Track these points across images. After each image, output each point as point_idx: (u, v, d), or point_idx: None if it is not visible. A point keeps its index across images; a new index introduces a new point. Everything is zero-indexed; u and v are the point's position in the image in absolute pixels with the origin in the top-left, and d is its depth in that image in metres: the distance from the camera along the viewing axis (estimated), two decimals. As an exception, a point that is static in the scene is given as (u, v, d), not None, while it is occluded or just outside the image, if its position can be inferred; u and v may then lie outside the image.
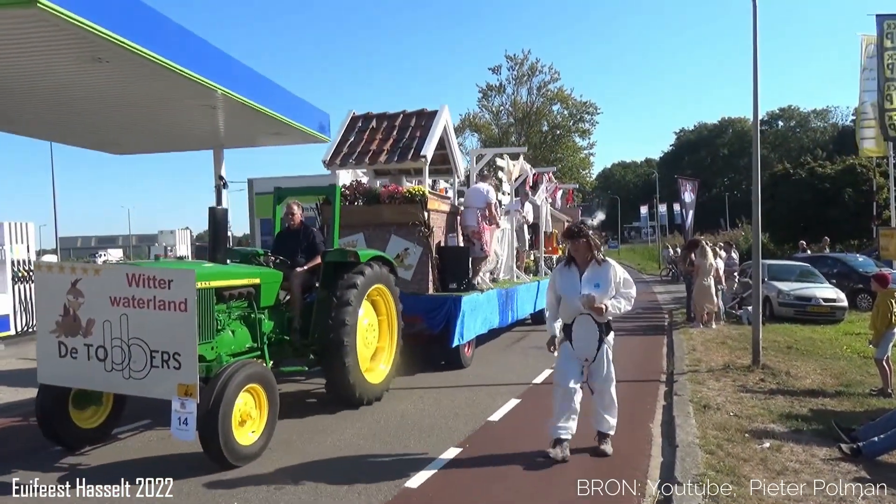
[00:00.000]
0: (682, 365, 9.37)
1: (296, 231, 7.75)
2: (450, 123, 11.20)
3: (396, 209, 9.29)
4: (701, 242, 14.73)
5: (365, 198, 9.55)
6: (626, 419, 6.92)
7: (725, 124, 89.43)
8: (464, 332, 9.21)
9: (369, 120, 11.02)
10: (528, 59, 50.99)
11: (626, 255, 60.98)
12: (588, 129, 53.74)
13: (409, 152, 10.06)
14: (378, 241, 9.37)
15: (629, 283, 5.47)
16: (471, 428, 6.49)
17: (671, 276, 31.32)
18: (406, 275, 9.31)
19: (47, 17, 7.35)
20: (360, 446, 5.92)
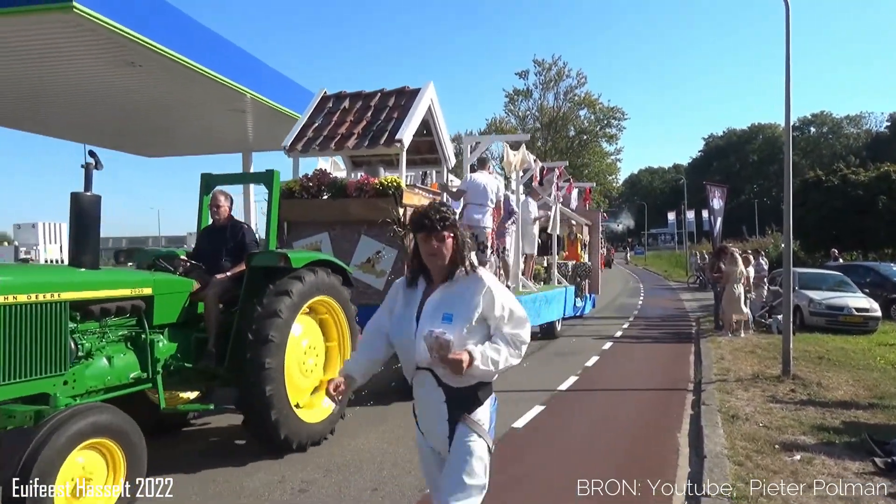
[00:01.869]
0: (709, 374, 9.23)
1: (222, 228, 6.28)
2: (436, 104, 9.44)
3: (366, 204, 7.77)
4: (730, 249, 14.54)
5: (330, 190, 8.09)
6: (652, 428, 6.85)
7: (755, 130, 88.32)
8: None
9: (342, 100, 9.29)
10: (556, 64, 50.92)
11: (653, 261, 60.46)
12: (615, 134, 53.53)
13: (383, 136, 8.38)
14: (346, 241, 8.01)
15: (520, 321, 2.80)
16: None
17: (698, 283, 30.98)
18: (378, 283, 7.83)
19: (83, 21, 7.53)
20: (384, 450, 5.92)
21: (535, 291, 11.62)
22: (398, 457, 5.72)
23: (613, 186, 59.52)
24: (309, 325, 6.18)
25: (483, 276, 2.76)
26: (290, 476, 5.19)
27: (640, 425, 7.02)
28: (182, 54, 8.61)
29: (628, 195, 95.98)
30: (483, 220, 9.03)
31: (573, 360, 10.91)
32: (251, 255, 5.84)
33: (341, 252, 7.79)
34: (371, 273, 7.92)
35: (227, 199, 6.33)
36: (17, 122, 13.33)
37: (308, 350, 6.05)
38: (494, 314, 2.71)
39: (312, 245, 8.05)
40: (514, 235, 11.33)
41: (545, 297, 11.89)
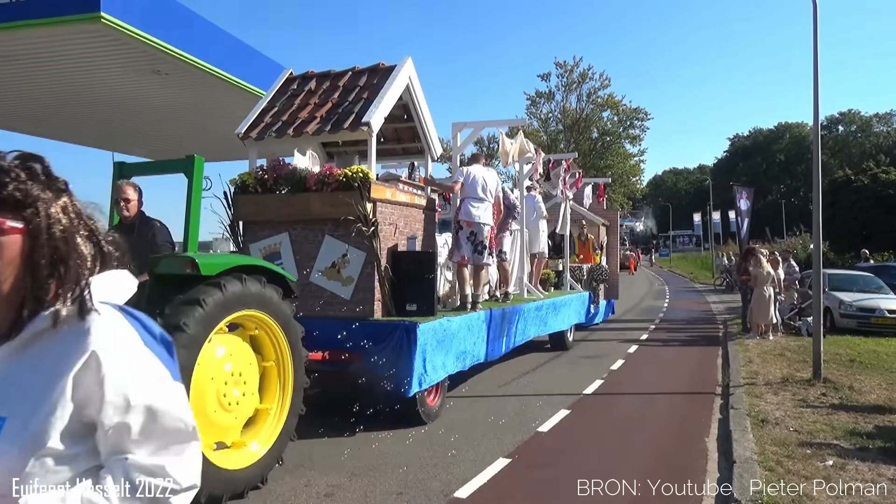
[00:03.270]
0: (738, 377, 9.09)
1: (129, 226, 5.27)
2: (416, 84, 8.06)
3: (329, 199, 6.69)
4: (757, 251, 14.33)
5: (289, 184, 6.97)
6: (680, 433, 6.77)
7: (782, 129, 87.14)
8: (424, 373, 6.47)
9: (308, 80, 8.05)
10: (578, 66, 50.74)
11: (678, 263, 59.86)
12: (638, 135, 53.18)
13: (347, 119, 7.10)
14: (308, 243, 6.95)
15: (173, 434, 1.23)
16: (520, 438, 6.42)
17: (725, 285, 30.60)
18: (344, 291, 6.78)
19: (110, 31, 7.65)
20: (409, 455, 5.91)
21: (540, 297, 10.56)
22: (423, 461, 5.71)
23: (637, 188, 59.08)
24: (236, 347, 4.92)
25: (93, 328, 1.20)
26: (315, 480, 5.20)
27: (667, 430, 6.94)
28: (207, 62, 8.71)
29: (652, 197, 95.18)
30: (483, 216, 8.00)
31: (598, 364, 10.82)
32: (154, 260, 4.75)
33: (304, 255, 6.90)
34: (336, 279, 6.83)
35: (135, 191, 5.36)
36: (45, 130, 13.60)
37: (233, 378, 4.76)
38: (104, 418, 1.19)
39: (270, 247, 7.05)
40: (516, 235, 10.30)
41: (552, 304, 10.80)
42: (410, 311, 6.92)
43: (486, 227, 8.07)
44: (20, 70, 9.32)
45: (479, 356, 7.93)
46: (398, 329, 6.41)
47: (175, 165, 5.79)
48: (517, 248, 10.43)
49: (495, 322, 8.29)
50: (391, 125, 8.55)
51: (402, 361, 6.29)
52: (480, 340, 7.90)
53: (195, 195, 5.33)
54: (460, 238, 8.01)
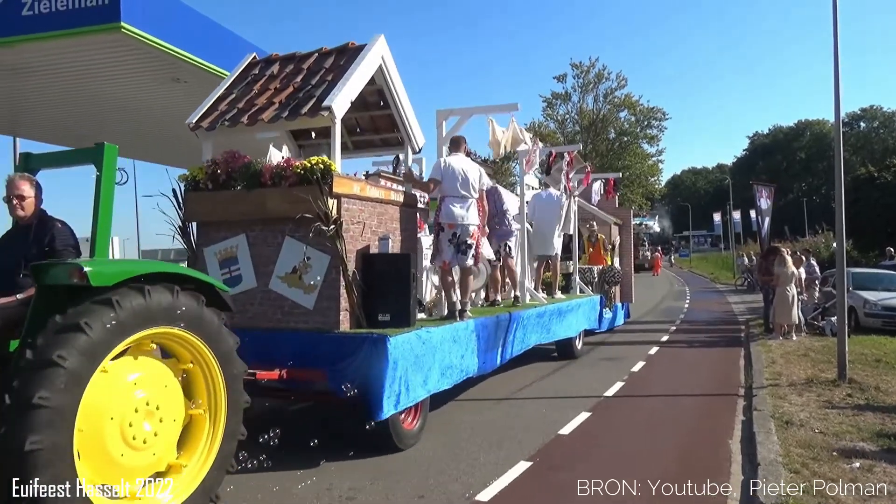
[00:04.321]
0: (761, 379, 8.99)
1: (24, 228, 4.52)
2: (391, 66, 7.10)
3: (287, 196, 5.91)
4: (780, 250, 14.17)
5: (243, 179, 6.17)
6: (703, 435, 6.71)
7: (802, 127, 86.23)
8: (400, 393, 5.68)
9: (270, 64, 7.33)
10: (594, 67, 50.57)
11: (698, 263, 59.35)
12: (656, 135, 52.88)
13: (307, 104, 6.28)
14: (267, 245, 6.19)
15: None
16: (541, 441, 6.40)
17: (746, 285, 30.30)
18: (306, 300, 6.00)
19: (130, 41, 7.76)
20: (430, 458, 5.91)
21: (543, 303, 9.72)
22: (444, 464, 5.71)
23: (655, 188, 58.72)
24: (154, 372, 4.07)
25: None
26: (337, 483, 5.21)
27: (689, 432, 6.88)
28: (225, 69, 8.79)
29: (671, 196, 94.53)
30: (466, 215, 7.16)
31: (619, 365, 10.76)
32: (35, 269, 3.80)
33: (262, 259, 6.17)
34: (298, 286, 6.03)
35: (32, 186, 4.51)
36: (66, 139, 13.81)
37: (146, 408, 3.90)
38: None
39: (226, 251, 6.32)
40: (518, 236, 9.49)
41: (557, 309, 9.99)
42: (383, 322, 6.10)
43: (470, 228, 7.19)
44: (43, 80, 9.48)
45: (469, 370, 7.12)
46: (365, 343, 5.63)
47: (83, 155, 4.84)
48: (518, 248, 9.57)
49: (487, 331, 7.51)
50: (366, 113, 7.83)
51: (371, 380, 5.52)
52: (470, 353, 7.09)
53: (105, 189, 4.42)
54: (441, 241, 7.19)
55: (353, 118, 7.84)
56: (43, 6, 8.02)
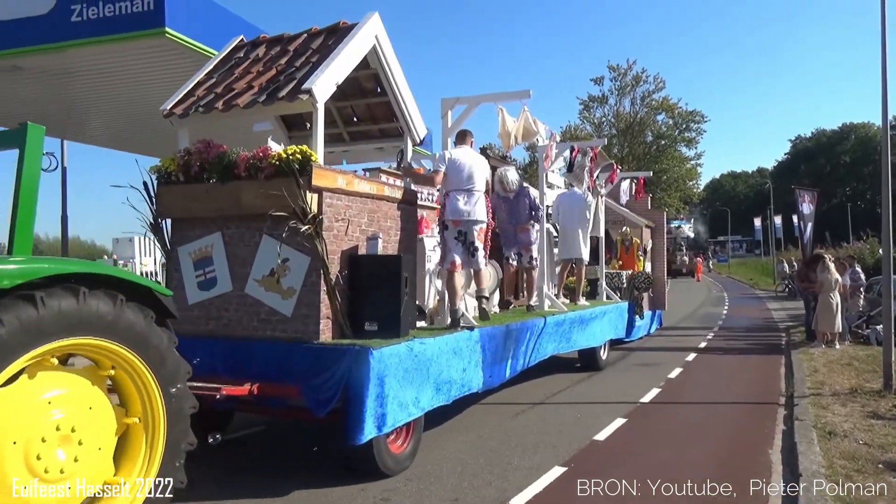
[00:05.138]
0: (802, 388, 8.79)
1: None
2: (386, 47, 6.43)
3: (263, 189, 5.30)
4: (824, 256, 13.83)
5: (216, 171, 5.57)
6: (742, 444, 6.58)
7: (847, 130, 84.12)
8: (385, 412, 5.05)
9: (256, 46, 6.75)
10: (632, 69, 50.06)
11: (737, 269, 58.29)
12: (694, 138, 52.10)
13: (287, 87, 5.64)
14: (243, 245, 5.60)
15: None
16: (576, 447, 6.35)
17: (787, 291, 29.68)
18: (284, 306, 5.40)
19: (173, 45, 7.96)
20: (464, 461, 5.90)
21: (563, 311, 8.98)
22: (478, 468, 5.70)
23: (694, 192, 57.83)
24: (76, 389, 3.57)
25: None
26: (371, 485, 5.24)
27: (728, 441, 6.76)
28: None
29: (709, 201, 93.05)
30: (474, 211, 6.65)
31: (655, 371, 10.62)
32: None
33: (238, 259, 5.60)
34: (275, 291, 5.44)
35: None
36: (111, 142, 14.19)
37: (61, 432, 3.41)
38: None
39: (201, 251, 5.74)
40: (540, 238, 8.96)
41: (579, 317, 9.34)
42: (370, 332, 5.46)
43: (478, 225, 6.74)
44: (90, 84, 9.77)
45: (473, 384, 6.45)
46: (345, 356, 5.01)
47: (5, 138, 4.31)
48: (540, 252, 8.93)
49: (495, 342, 6.85)
50: (362, 101, 7.25)
51: (351, 398, 4.95)
52: (473, 365, 6.41)
53: (28, 175, 3.94)
54: (447, 240, 6.69)
55: (349, 106, 7.37)
56: (91, 12, 8.28)
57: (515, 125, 7.85)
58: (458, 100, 7.39)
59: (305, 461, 5.91)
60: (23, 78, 9.80)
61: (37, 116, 12.61)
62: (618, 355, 12.27)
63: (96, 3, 8.37)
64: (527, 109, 7.91)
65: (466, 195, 6.63)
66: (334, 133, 7.42)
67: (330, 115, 7.15)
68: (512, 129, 7.81)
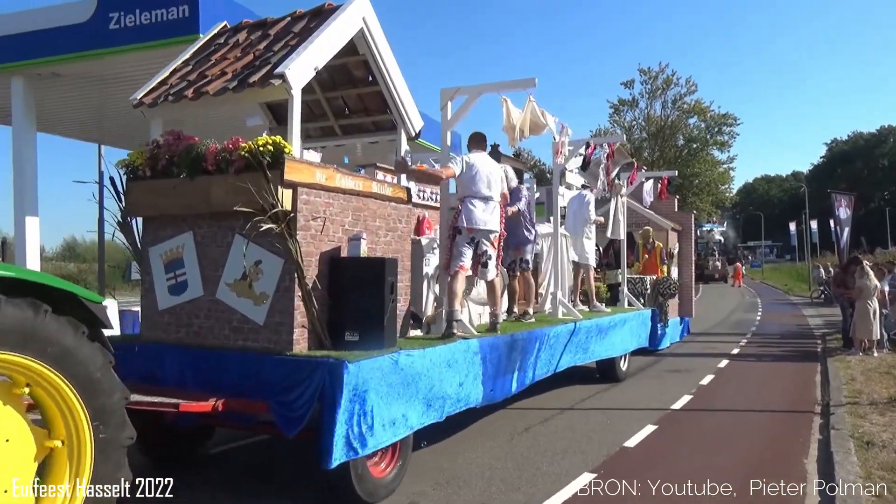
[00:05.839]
0: (839, 396, 8.59)
1: None
2: (375, 30, 5.96)
3: (232, 185, 4.80)
4: (862, 262, 13.53)
5: (184, 165, 5.11)
6: (776, 454, 6.46)
7: (885, 133, 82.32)
8: (362, 433, 4.53)
9: (238, 32, 6.34)
10: (663, 72, 49.57)
11: (771, 274, 57.26)
12: (727, 141, 51.35)
13: (259, 72, 5.22)
14: (215, 246, 5.14)
15: None
16: (605, 453, 6.29)
17: (822, 298, 29.07)
18: (256, 313, 4.95)
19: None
20: (493, 466, 5.89)
21: (577, 318, 8.49)
22: (507, 473, 5.68)
23: (726, 196, 56.97)
24: None
25: None
26: (399, 488, 5.24)
27: (762, 449, 6.63)
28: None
29: (742, 205, 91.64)
30: (490, 220, 6.41)
31: (687, 378, 10.48)
32: None
33: (210, 262, 5.14)
34: (248, 296, 4.97)
35: None
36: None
37: None
38: None
39: (172, 252, 5.30)
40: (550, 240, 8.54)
41: (596, 325, 8.77)
42: (351, 343, 4.96)
43: (493, 235, 6.49)
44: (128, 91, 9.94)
45: (472, 399, 5.93)
46: (318, 370, 4.50)
47: None
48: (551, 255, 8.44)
49: (497, 353, 6.35)
50: (353, 90, 6.75)
51: (323, 417, 4.44)
52: (472, 379, 5.89)
53: None
54: (459, 244, 6.33)
55: (339, 97, 6.92)
56: (128, 20, 8.49)
57: (521, 117, 7.07)
58: (458, 90, 6.79)
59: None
60: (62, 85, 10.07)
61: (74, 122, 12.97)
62: (648, 361, 12.14)
63: (133, 11, 8.58)
64: (533, 100, 7.12)
65: (484, 203, 6.38)
66: (326, 126, 7.08)
67: (320, 107, 6.94)
68: (517, 121, 7.01)
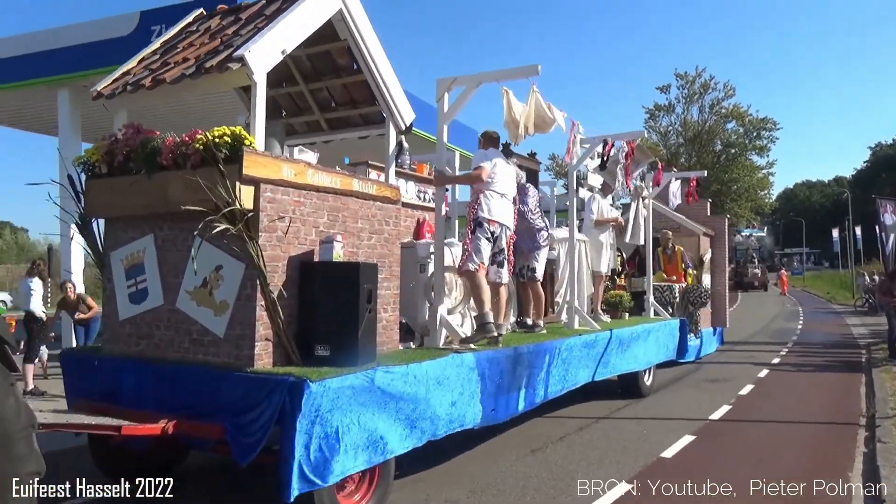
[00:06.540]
0: (885, 408, 8.35)
1: None
2: (356, 11, 5.43)
3: (189, 182, 4.31)
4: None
5: (141, 160, 4.70)
6: (819, 466, 6.29)
7: (932, 136, 79.96)
8: (331, 459, 4.04)
9: (211, 18, 5.95)
10: (700, 76, 48.98)
11: (813, 282, 55.95)
12: (766, 146, 50.48)
13: (220, 55, 4.78)
14: (176, 250, 4.70)
15: None
16: (641, 463, 6.21)
17: (867, 306, 28.30)
18: (216, 324, 4.46)
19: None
20: (527, 474, 5.85)
21: (596, 329, 7.97)
22: (541, 481, 5.65)
23: (765, 202, 55.93)
24: None
25: None
26: (434, 495, 5.26)
27: (803, 462, 6.48)
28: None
29: (783, 211, 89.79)
30: (509, 216, 6.29)
31: (726, 388, 10.30)
32: None
33: (171, 268, 4.71)
34: (208, 305, 4.49)
35: None
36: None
37: None
38: None
39: (133, 256, 4.89)
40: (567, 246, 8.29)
41: (616, 337, 8.20)
42: (322, 358, 4.44)
43: (509, 231, 6.28)
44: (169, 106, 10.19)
45: (467, 420, 5.39)
46: (277, 389, 4.01)
47: None
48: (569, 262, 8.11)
49: (499, 368, 5.80)
50: (338, 80, 6.26)
51: (282, 443, 3.96)
52: (467, 398, 5.34)
53: None
54: (479, 238, 5.95)
55: (324, 88, 6.42)
56: (170, 33, 8.65)
57: (525, 111, 6.28)
58: (455, 80, 6.19)
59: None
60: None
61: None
62: (686, 370, 11.96)
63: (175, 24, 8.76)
64: (537, 91, 6.27)
65: (502, 198, 6.17)
66: (311, 121, 6.67)
67: (304, 99, 6.53)
68: (520, 115, 6.21)
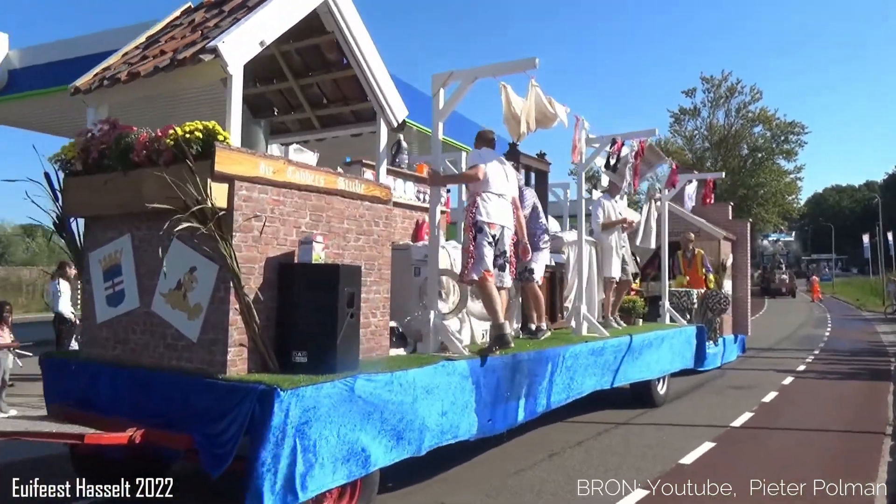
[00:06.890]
0: (912, 417, 8.19)
1: None
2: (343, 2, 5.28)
3: (162, 179, 4.16)
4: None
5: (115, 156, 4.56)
6: (842, 475, 6.17)
7: (966, 140, 78.17)
8: (302, 472, 3.82)
9: (196, 11, 5.73)
10: (726, 80, 48.50)
11: (842, 288, 54.99)
12: (794, 150, 49.80)
13: (194, 47, 4.61)
14: (152, 250, 4.48)
15: None
16: (660, 470, 6.15)
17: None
18: (190, 328, 4.30)
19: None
20: (544, 479, 5.83)
21: (604, 336, 7.71)
22: (557, 486, 5.62)
23: (793, 207, 55.12)
24: None
25: None
26: (449, 499, 5.26)
27: (827, 471, 6.35)
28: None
29: (811, 216, 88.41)
30: (508, 217, 5.95)
31: (749, 395, 10.16)
32: None
33: (147, 270, 4.55)
34: (182, 308, 4.34)
35: None
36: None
37: None
38: None
39: (111, 257, 4.75)
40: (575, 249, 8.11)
41: (626, 344, 7.88)
42: (300, 365, 4.24)
43: (510, 232, 5.93)
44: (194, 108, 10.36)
45: (461, 431, 5.16)
46: (247, 397, 3.82)
47: None
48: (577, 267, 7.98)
49: (496, 376, 5.58)
50: (328, 76, 6.14)
51: (250, 455, 3.74)
52: (459, 407, 5.12)
53: None
54: (481, 245, 5.65)
55: (314, 84, 6.27)
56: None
57: (525, 106, 5.90)
58: (451, 75, 5.90)
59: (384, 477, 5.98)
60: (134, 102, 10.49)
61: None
62: (708, 376, 11.81)
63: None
64: (536, 85, 5.90)
65: (499, 199, 5.84)
66: (303, 118, 6.55)
67: (295, 96, 6.41)
68: (520, 111, 5.85)
